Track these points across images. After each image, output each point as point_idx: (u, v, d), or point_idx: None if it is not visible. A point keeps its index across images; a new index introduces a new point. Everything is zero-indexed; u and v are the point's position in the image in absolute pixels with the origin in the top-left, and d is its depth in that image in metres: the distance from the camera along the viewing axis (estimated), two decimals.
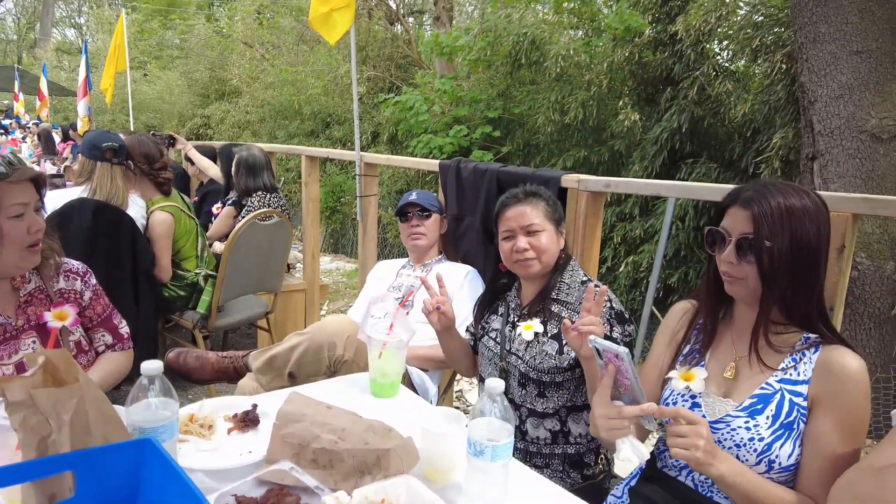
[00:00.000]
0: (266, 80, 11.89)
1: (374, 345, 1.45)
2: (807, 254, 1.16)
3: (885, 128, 3.42)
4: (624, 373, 1.07)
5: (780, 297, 1.19)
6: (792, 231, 1.15)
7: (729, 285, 1.25)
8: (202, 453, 1.10)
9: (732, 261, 1.21)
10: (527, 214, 1.67)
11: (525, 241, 1.65)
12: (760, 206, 1.17)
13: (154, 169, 2.91)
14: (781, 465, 1.16)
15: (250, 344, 4.01)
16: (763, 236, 1.15)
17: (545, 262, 1.66)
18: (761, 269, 1.17)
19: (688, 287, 4.94)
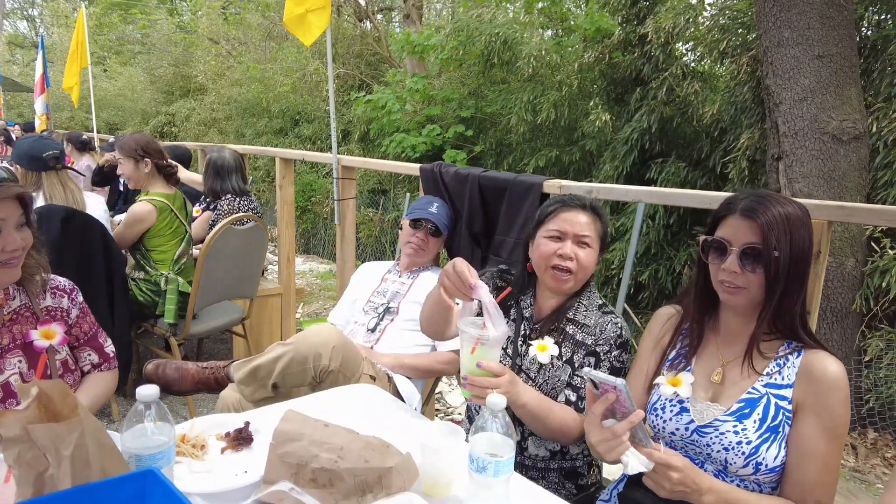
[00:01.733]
0: (233, 77, 11.68)
1: (466, 339, 1.30)
2: (801, 261, 1.20)
3: (845, 130, 3.55)
4: (622, 401, 1.09)
5: (778, 302, 1.22)
6: (792, 240, 1.19)
7: (729, 295, 1.26)
8: (196, 475, 1.08)
9: (736, 270, 1.22)
10: (584, 224, 1.57)
11: (572, 249, 1.55)
12: (765, 217, 1.19)
13: (166, 163, 2.93)
14: (768, 466, 1.20)
15: (225, 350, 3.94)
16: (771, 246, 1.18)
17: (579, 280, 1.58)
18: (768, 278, 1.19)
19: (658, 284, 5.05)
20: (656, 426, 1.34)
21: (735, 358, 1.29)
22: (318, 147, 9.71)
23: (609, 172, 5.50)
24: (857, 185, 3.57)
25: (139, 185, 2.97)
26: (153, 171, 2.91)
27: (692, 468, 1.14)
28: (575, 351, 1.58)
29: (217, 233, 2.81)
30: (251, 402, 1.88)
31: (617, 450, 1.10)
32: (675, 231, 5.12)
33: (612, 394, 1.09)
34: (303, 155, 3.72)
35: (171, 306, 2.82)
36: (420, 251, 2.38)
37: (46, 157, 2.57)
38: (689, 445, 1.29)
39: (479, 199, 2.41)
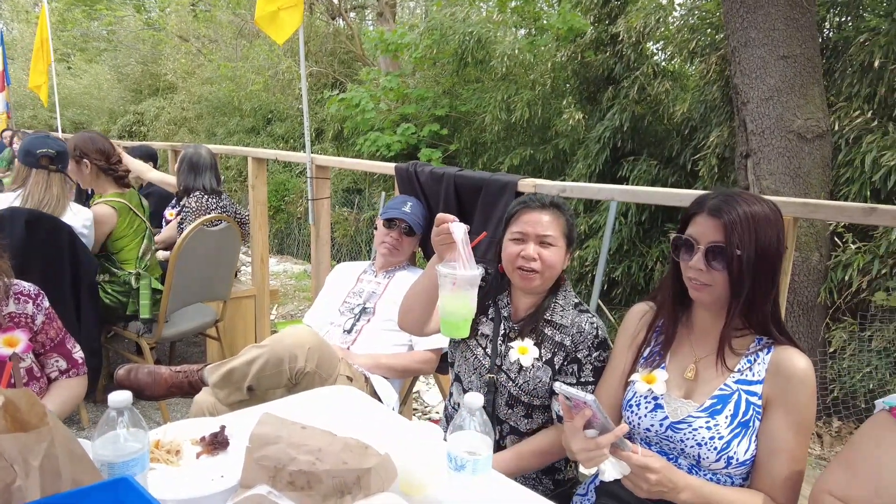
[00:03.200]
0: (203, 76, 11.49)
1: (445, 281, 1.35)
2: (769, 259, 1.23)
3: (809, 128, 3.65)
4: (595, 415, 1.11)
5: (744, 302, 1.24)
6: (757, 238, 1.21)
7: (696, 292, 1.28)
8: (171, 481, 1.06)
9: (702, 268, 1.24)
10: (546, 224, 1.58)
11: (535, 250, 1.56)
12: (730, 215, 1.21)
13: (111, 164, 2.83)
14: (739, 460, 1.23)
15: (198, 353, 3.88)
16: (734, 245, 1.20)
17: (546, 279, 1.59)
18: (731, 276, 1.22)
19: (630, 280, 5.13)
20: (631, 422, 1.37)
21: (707, 355, 1.32)
22: (291, 146, 9.62)
23: (582, 171, 5.56)
24: (821, 181, 3.67)
25: (87, 186, 2.93)
26: (96, 171, 2.84)
27: (669, 468, 1.17)
28: (555, 352, 1.59)
29: (189, 234, 2.77)
30: (226, 406, 1.86)
31: (597, 459, 1.12)
32: (646, 228, 5.20)
33: (587, 409, 1.11)
34: (276, 154, 3.68)
35: (145, 301, 2.78)
36: (394, 251, 2.37)
37: (39, 155, 2.51)
38: (663, 441, 1.31)
39: (454, 198, 2.42)
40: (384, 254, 2.40)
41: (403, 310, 1.77)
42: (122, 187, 2.91)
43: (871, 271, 3.47)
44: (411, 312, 1.73)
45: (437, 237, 1.45)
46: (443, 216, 1.44)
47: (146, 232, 2.92)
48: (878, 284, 3.46)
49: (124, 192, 2.90)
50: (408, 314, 1.76)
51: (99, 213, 2.75)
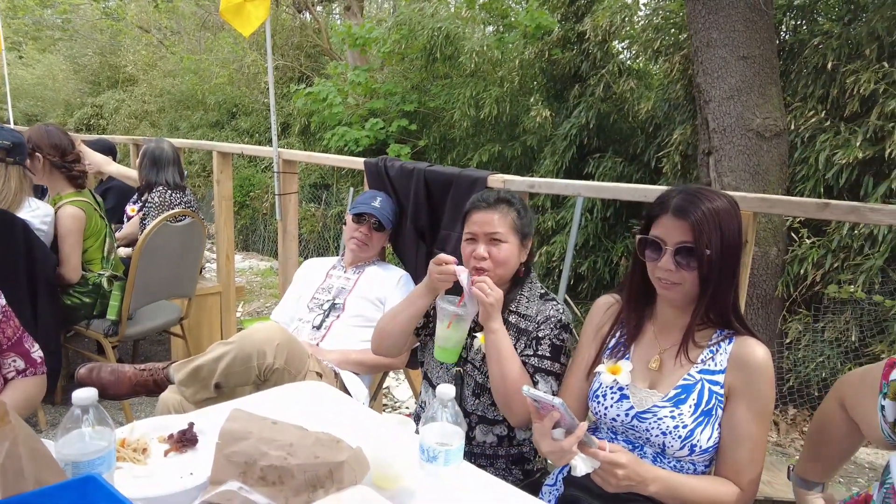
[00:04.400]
0: (165, 68, 11.21)
1: (444, 314, 1.53)
2: (732, 253, 1.27)
3: (767, 127, 3.76)
4: (563, 417, 1.13)
5: (712, 295, 1.28)
6: (722, 234, 1.24)
7: (665, 290, 1.31)
8: (138, 480, 1.04)
9: (671, 268, 1.27)
10: (492, 222, 1.61)
11: (484, 249, 1.61)
12: (695, 215, 1.24)
13: (66, 161, 2.71)
14: (702, 448, 1.27)
15: (162, 352, 3.80)
16: (704, 244, 1.23)
17: (500, 275, 1.62)
18: (701, 274, 1.25)
19: (596, 275, 5.21)
20: (598, 413, 1.40)
21: (671, 346, 1.35)
22: (257, 140, 9.46)
23: (549, 167, 5.62)
24: (778, 178, 3.80)
25: (40, 182, 2.80)
26: (49, 167, 2.71)
27: (636, 462, 1.19)
28: (518, 338, 1.62)
29: (152, 230, 2.70)
30: (193, 404, 1.83)
31: (565, 458, 1.15)
32: (611, 224, 5.29)
33: (555, 412, 1.13)
34: (241, 149, 3.63)
35: (115, 303, 2.71)
36: (363, 246, 2.37)
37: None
38: (629, 430, 1.34)
39: (424, 193, 2.42)
40: (353, 249, 2.39)
41: (381, 336, 1.79)
42: (76, 187, 2.78)
43: (825, 265, 3.61)
44: (391, 338, 1.76)
45: (439, 276, 1.58)
46: (444, 257, 1.58)
47: (107, 230, 2.84)
48: (831, 277, 3.61)
49: (81, 192, 2.80)
50: (386, 339, 1.78)
51: (69, 214, 2.63)
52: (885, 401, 1.10)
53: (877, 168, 3.68)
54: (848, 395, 1.22)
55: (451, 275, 1.56)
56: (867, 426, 1.15)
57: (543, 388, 1.55)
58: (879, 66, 3.70)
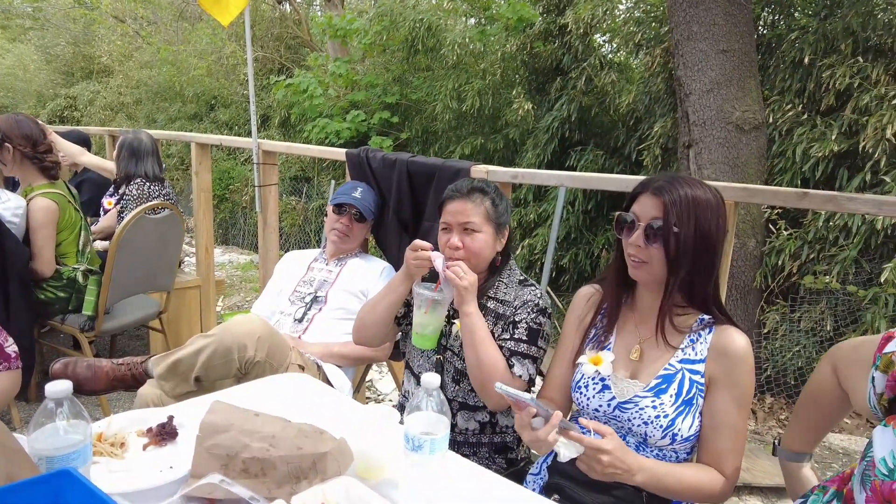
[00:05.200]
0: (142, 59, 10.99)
1: (421, 300, 1.53)
2: (708, 243, 1.27)
3: (746, 120, 3.81)
4: (538, 410, 1.14)
5: (683, 281, 1.29)
6: (697, 221, 1.25)
7: (634, 269, 1.33)
8: (116, 474, 1.02)
9: (640, 244, 1.29)
10: (466, 212, 1.61)
11: (458, 239, 1.61)
12: (671, 195, 1.26)
13: (38, 152, 2.63)
14: (683, 436, 1.28)
15: (141, 347, 3.74)
16: (671, 222, 1.25)
17: (474, 264, 1.62)
18: (668, 253, 1.26)
19: (578, 267, 5.25)
20: (581, 403, 1.40)
21: (651, 336, 1.36)
22: (236, 132, 9.35)
23: (531, 160, 5.63)
24: (757, 171, 3.85)
25: (11, 173, 2.73)
26: (20, 158, 2.63)
27: (622, 450, 1.18)
28: (496, 323, 1.62)
29: (129, 222, 2.65)
30: (172, 398, 1.80)
31: (545, 447, 1.14)
32: (593, 216, 5.33)
33: (530, 407, 1.13)
34: (220, 140, 3.57)
35: (90, 298, 2.64)
36: (345, 237, 2.35)
37: None
38: (611, 421, 1.35)
39: (407, 184, 2.40)
40: (334, 241, 2.36)
41: (361, 325, 1.79)
42: (49, 178, 2.71)
43: (801, 256, 3.67)
44: (371, 328, 1.76)
45: (415, 262, 1.59)
46: (419, 243, 1.58)
47: (82, 223, 2.78)
48: (807, 268, 3.67)
49: (54, 183, 2.73)
50: (367, 329, 1.78)
51: (41, 206, 2.56)
52: (876, 372, 1.11)
53: (851, 161, 3.75)
54: (841, 364, 1.23)
55: (426, 260, 1.56)
56: (856, 395, 1.16)
57: (519, 372, 1.55)
58: (854, 62, 3.76)
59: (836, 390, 1.23)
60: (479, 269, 1.65)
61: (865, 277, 3.52)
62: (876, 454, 1.02)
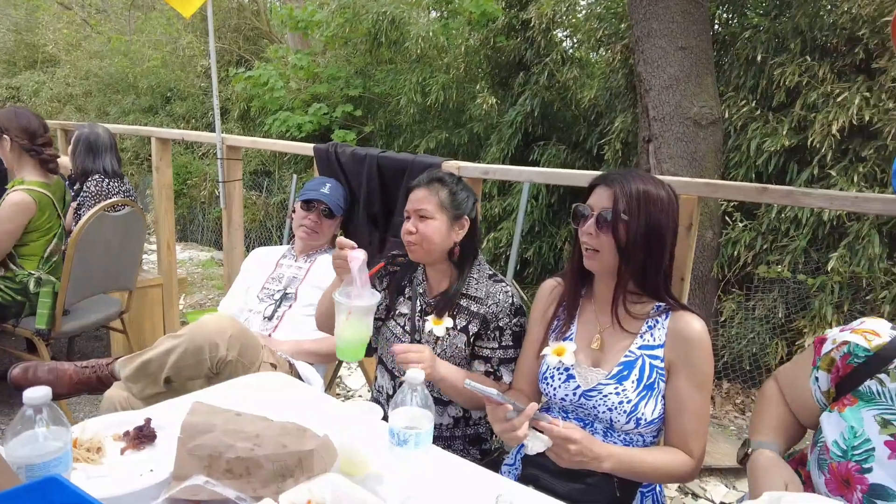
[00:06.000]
0: (91, 49, 10.55)
1: (341, 308, 1.37)
2: (658, 236, 1.34)
3: (704, 115, 3.92)
4: (504, 404, 1.18)
5: (635, 270, 1.35)
6: (647, 215, 1.32)
7: (587, 259, 1.39)
8: (95, 480, 1.00)
9: (592, 232, 1.35)
10: (422, 199, 1.67)
11: (412, 225, 1.66)
12: (622, 187, 1.32)
13: (36, 144, 2.57)
14: (647, 420, 1.34)
15: (101, 348, 3.63)
16: (620, 210, 1.31)
17: (427, 250, 1.65)
18: (617, 241, 1.32)
19: (541, 259, 5.33)
20: (548, 394, 1.45)
21: (610, 324, 1.41)
22: (193, 126, 9.10)
23: (496, 155, 5.67)
24: (714, 165, 3.97)
25: (9, 165, 2.65)
26: (17, 151, 2.58)
27: (589, 439, 1.23)
28: (470, 320, 1.65)
29: (89, 220, 2.57)
30: (141, 400, 1.77)
31: (517, 439, 1.19)
32: (556, 210, 5.41)
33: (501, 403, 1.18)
34: (182, 134, 3.48)
35: (43, 311, 2.54)
36: (313, 234, 2.33)
37: None
38: (578, 409, 1.40)
39: (377, 179, 2.40)
40: (303, 237, 2.35)
41: (319, 314, 1.83)
42: (46, 173, 2.65)
43: (755, 247, 3.83)
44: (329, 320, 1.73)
45: (336, 261, 1.52)
46: (342, 241, 1.47)
47: (59, 231, 2.67)
48: (761, 258, 3.83)
49: (50, 180, 2.65)
50: (321, 317, 1.83)
51: (18, 200, 2.48)
52: (819, 372, 1.19)
53: (800, 155, 3.92)
54: (785, 384, 1.31)
55: (345, 259, 1.42)
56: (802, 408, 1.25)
57: (507, 379, 1.62)
58: (803, 60, 3.92)
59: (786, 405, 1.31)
60: (433, 256, 1.69)
61: (814, 266, 3.69)
62: (827, 438, 1.09)
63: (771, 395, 1.33)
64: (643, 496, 1.41)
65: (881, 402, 1.05)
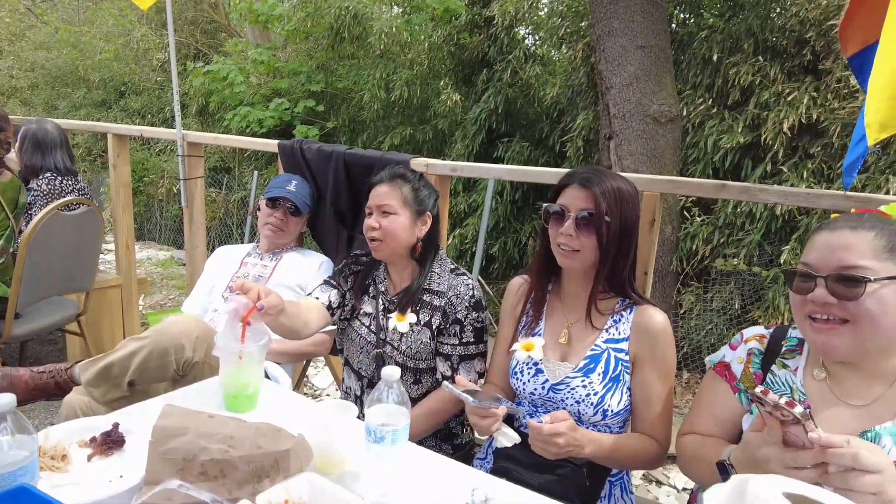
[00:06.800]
0: (36, 39, 10.12)
1: (228, 357, 1.28)
2: (630, 230, 1.38)
3: (663, 113, 4.03)
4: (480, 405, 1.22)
5: (608, 267, 1.38)
6: (622, 211, 1.36)
7: (564, 258, 1.41)
8: (61, 489, 0.97)
9: (572, 234, 1.37)
10: (383, 194, 1.68)
11: (375, 221, 1.67)
12: (600, 187, 1.35)
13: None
14: (613, 411, 1.38)
15: (55, 352, 3.50)
16: (603, 212, 1.34)
17: (390, 246, 1.67)
18: (600, 241, 1.35)
19: (506, 255, 5.39)
20: (518, 388, 1.48)
21: (578, 320, 1.45)
22: (150, 122, 8.83)
23: (460, 151, 5.69)
24: (672, 161, 4.08)
25: None
26: None
27: (573, 428, 1.26)
28: (433, 315, 1.67)
29: (41, 220, 2.47)
30: (103, 404, 1.72)
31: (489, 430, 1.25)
32: (520, 206, 5.47)
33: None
34: (141, 131, 3.37)
35: None
36: (279, 231, 2.30)
37: None
38: (547, 402, 1.43)
39: (344, 176, 2.39)
40: (269, 235, 2.31)
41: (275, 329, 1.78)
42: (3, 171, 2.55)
43: (713, 241, 3.95)
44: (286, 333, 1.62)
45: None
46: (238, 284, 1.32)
47: (7, 232, 2.56)
48: (718, 252, 3.96)
49: (5, 178, 2.54)
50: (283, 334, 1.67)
51: None
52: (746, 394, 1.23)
53: (755, 152, 4.06)
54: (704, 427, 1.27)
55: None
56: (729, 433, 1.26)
57: (468, 377, 1.64)
58: (755, 60, 4.06)
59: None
60: (397, 252, 1.70)
61: (767, 259, 3.84)
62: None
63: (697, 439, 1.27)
64: (611, 485, 1.45)
65: (778, 391, 1.15)
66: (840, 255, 1.02)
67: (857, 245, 1.02)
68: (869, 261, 1.00)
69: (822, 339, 1.04)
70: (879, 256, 1.00)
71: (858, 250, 1.01)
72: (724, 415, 1.24)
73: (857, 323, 1.00)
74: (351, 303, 1.80)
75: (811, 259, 1.07)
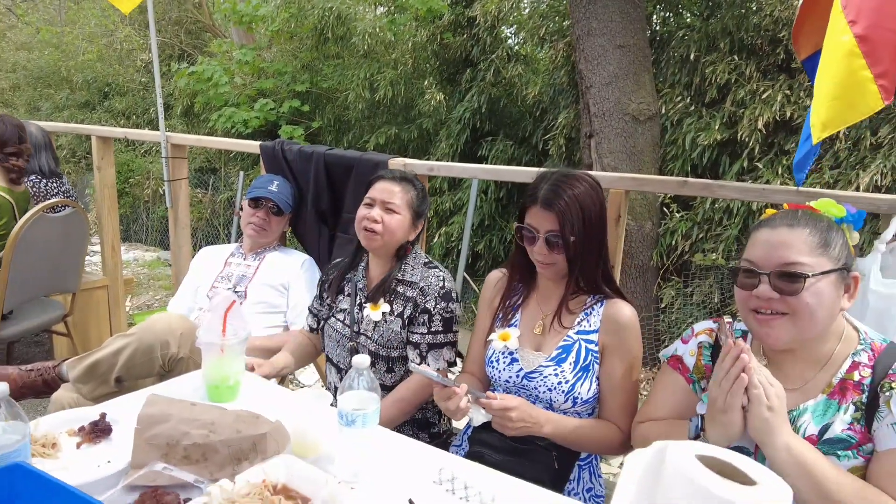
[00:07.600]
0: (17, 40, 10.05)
1: (210, 349, 1.37)
2: (595, 231, 1.46)
3: (641, 111, 4.11)
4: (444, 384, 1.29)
5: (579, 270, 1.47)
6: (584, 216, 1.42)
7: (542, 269, 1.50)
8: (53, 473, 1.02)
9: (544, 252, 1.45)
10: (393, 192, 1.75)
11: (379, 213, 1.73)
12: (559, 205, 1.41)
13: (3, 153, 2.54)
14: (583, 399, 1.45)
15: (43, 352, 3.53)
16: (568, 232, 1.41)
17: (387, 242, 1.75)
18: (568, 256, 1.44)
19: (492, 252, 5.46)
20: (493, 376, 1.55)
21: (551, 313, 1.53)
22: (134, 123, 8.81)
23: (445, 150, 5.76)
24: (651, 159, 4.18)
25: None
26: None
27: (527, 405, 1.35)
28: (405, 305, 1.74)
29: (27, 221, 2.50)
30: (91, 401, 1.77)
31: (461, 413, 1.30)
32: (504, 204, 5.54)
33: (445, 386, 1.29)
34: (125, 133, 3.40)
35: None
36: (262, 231, 2.36)
37: None
38: (521, 390, 1.50)
39: (325, 176, 2.44)
40: (251, 235, 2.36)
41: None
42: (11, 184, 2.61)
43: (692, 236, 4.05)
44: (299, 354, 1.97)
45: None
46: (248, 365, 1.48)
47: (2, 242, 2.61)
48: (697, 247, 4.05)
49: (13, 189, 2.60)
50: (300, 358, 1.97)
51: None
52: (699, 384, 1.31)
53: (731, 149, 4.16)
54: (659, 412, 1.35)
55: None
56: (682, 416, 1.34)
57: (435, 365, 1.72)
58: (732, 59, 4.16)
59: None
60: (389, 248, 1.77)
61: None
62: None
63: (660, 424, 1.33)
64: (580, 469, 1.52)
65: None
66: (781, 253, 1.09)
67: (795, 242, 1.09)
68: (806, 257, 1.08)
69: (765, 331, 1.12)
70: (814, 252, 1.08)
71: (797, 247, 1.08)
72: (680, 406, 1.32)
73: (796, 315, 1.08)
74: (328, 302, 1.87)
75: (754, 256, 1.13)
